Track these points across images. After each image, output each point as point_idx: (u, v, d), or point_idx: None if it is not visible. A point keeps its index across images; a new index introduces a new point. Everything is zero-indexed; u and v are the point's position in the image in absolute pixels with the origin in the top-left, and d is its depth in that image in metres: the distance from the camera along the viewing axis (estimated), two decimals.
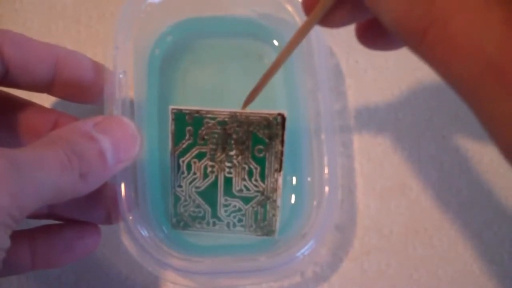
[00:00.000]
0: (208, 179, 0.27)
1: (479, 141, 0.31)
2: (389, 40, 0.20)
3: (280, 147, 0.26)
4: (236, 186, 0.27)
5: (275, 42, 0.31)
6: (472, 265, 0.30)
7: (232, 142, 0.27)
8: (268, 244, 0.28)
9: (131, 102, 0.27)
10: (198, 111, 0.26)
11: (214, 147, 0.27)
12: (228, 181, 0.27)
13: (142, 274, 0.29)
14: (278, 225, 0.28)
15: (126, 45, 0.26)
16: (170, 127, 0.27)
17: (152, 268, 0.25)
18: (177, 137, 0.27)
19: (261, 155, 0.27)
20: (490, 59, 0.14)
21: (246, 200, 0.28)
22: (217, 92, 0.30)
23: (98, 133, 0.21)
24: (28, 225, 0.23)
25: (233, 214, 0.28)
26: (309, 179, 0.28)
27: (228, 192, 0.27)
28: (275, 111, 0.26)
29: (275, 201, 0.27)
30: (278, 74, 0.30)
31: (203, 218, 0.28)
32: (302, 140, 0.29)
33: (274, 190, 0.27)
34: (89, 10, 0.32)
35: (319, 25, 0.19)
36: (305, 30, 0.20)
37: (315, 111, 0.28)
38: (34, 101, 0.26)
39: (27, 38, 0.23)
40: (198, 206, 0.28)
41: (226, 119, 0.26)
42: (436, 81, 0.31)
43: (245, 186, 0.27)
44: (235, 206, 0.28)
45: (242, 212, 0.28)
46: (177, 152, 0.27)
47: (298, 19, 0.28)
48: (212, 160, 0.27)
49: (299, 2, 0.27)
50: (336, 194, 0.27)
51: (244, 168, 0.27)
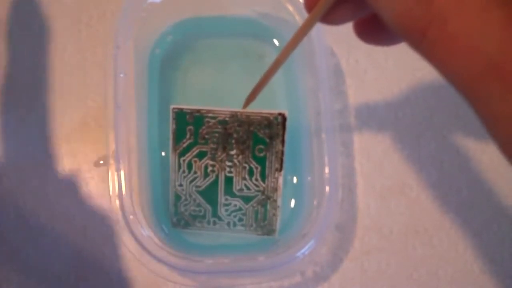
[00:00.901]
0: (208, 178, 0.27)
1: (480, 140, 0.31)
2: (387, 35, 0.20)
3: (280, 147, 0.26)
4: (237, 185, 0.27)
5: (276, 42, 0.31)
6: (472, 265, 0.30)
7: (233, 141, 0.27)
8: (268, 244, 0.28)
9: (132, 102, 0.27)
10: (199, 111, 0.26)
11: (214, 146, 0.27)
12: (229, 181, 0.27)
13: (142, 273, 0.29)
14: (278, 224, 0.28)
15: (127, 44, 0.26)
16: (171, 126, 0.27)
17: (152, 267, 0.25)
18: (178, 136, 0.27)
19: (261, 154, 0.27)
20: (490, 59, 0.14)
21: (247, 199, 0.28)
22: (217, 91, 0.30)
23: None
24: None
25: (233, 213, 0.28)
26: (309, 178, 0.28)
27: (229, 191, 0.27)
28: (276, 111, 0.26)
29: (275, 201, 0.27)
30: (279, 74, 0.30)
31: (203, 217, 0.28)
32: (302, 139, 0.29)
33: (275, 189, 0.27)
34: (90, 10, 0.32)
35: (320, 22, 0.19)
36: (306, 27, 0.20)
37: (316, 110, 0.28)
38: None
39: None
40: (199, 205, 0.28)
41: (227, 119, 0.26)
42: (436, 81, 0.31)
43: (246, 186, 0.27)
44: (235, 206, 0.28)
45: (242, 212, 0.28)
46: (178, 151, 0.27)
47: (298, 19, 0.28)
48: (213, 159, 0.27)
49: (299, 1, 0.27)
50: (336, 193, 0.27)
51: (244, 168, 0.27)
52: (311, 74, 0.28)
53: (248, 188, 0.27)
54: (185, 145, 0.27)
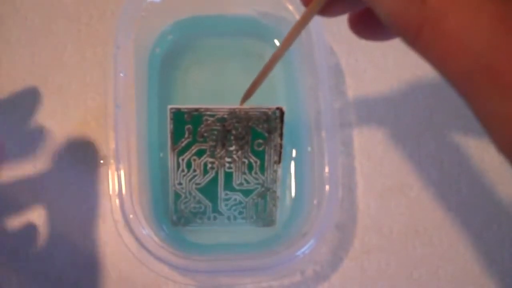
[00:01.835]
0: (208, 175, 0.27)
1: (479, 140, 0.31)
2: (382, 30, 0.20)
3: (279, 140, 0.27)
4: (237, 180, 0.28)
5: (276, 41, 0.31)
6: (472, 264, 0.30)
7: (232, 137, 0.27)
8: (268, 243, 0.28)
9: (132, 101, 0.27)
10: (197, 109, 0.26)
11: (213, 143, 0.27)
12: (229, 176, 0.27)
13: (142, 272, 0.29)
14: (278, 215, 0.28)
15: (127, 44, 0.27)
16: (168, 126, 0.27)
17: (152, 266, 0.25)
18: (176, 136, 0.27)
19: (260, 148, 0.27)
20: (479, 57, 0.14)
21: (247, 193, 0.28)
22: (218, 91, 0.30)
23: None
24: None
25: (233, 208, 0.28)
26: (309, 177, 0.28)
27: (229, 186, 0.28)
28: (274, 106, 0.26)
29: (274, 192, 0.28)
30: (279, 73, 0.30)
31: (203, 213, 0.28)
32: (302, 138, 0.29)
33: (274, 181, 0.27)
34: (90, 9, 0.32)
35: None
36: (303, 22, 0.20)
37: (316, 109, 0.28)
38: None
39: None
40: (199, 202, 0.28)
41: (225, 116, 0.26)
42: (436, 80, 0.31)
43: (245, 180, 0.28)
44: (235, 200, 0.28)
45: (242, 205, 0.28)
46: (177, 150, 0.27)
47: (298, 18, 0.28)
48: (212, 156, 0.27)
49: (299, 1, 0.27)
50: (336, 193, 0.27)
51: (244, 162, 0.27)
52: (311, 73, 0.28)
53: (248, 182, 0.28)
54: (183, 144, 0.27)
